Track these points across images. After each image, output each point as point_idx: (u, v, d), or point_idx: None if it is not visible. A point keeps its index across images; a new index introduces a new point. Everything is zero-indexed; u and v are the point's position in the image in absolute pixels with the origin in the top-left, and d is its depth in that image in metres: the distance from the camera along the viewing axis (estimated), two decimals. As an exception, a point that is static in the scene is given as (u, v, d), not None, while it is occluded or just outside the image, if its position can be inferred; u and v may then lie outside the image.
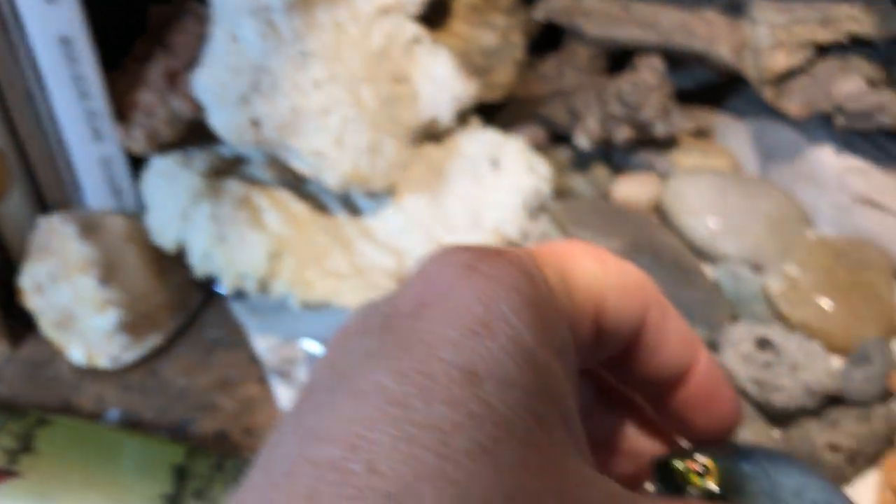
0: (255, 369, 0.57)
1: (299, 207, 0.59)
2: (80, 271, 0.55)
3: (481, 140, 0.66)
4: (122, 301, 0.55)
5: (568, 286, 0.27)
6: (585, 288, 0.28)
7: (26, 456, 0.46)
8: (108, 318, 0.55)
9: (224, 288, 0.56)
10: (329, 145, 0.56)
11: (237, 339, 0.59)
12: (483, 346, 0.23)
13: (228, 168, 0.60)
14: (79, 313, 0.56)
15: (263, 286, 0.54)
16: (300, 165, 0.57)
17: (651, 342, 0.30)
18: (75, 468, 0.46)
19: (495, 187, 0.64)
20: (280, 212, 0.57)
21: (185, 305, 0.60)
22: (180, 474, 0.46)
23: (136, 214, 0.59)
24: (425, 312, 0.24)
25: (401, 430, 0.21)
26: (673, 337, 0.30)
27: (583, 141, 0.65)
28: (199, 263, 0.54)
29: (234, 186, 0.57)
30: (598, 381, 0.31)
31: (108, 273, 0.55)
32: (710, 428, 0.32)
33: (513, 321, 0.24)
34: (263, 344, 0.57)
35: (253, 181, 0.59)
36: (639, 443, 0.36)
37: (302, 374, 0.55)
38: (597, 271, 0.28)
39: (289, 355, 0.56)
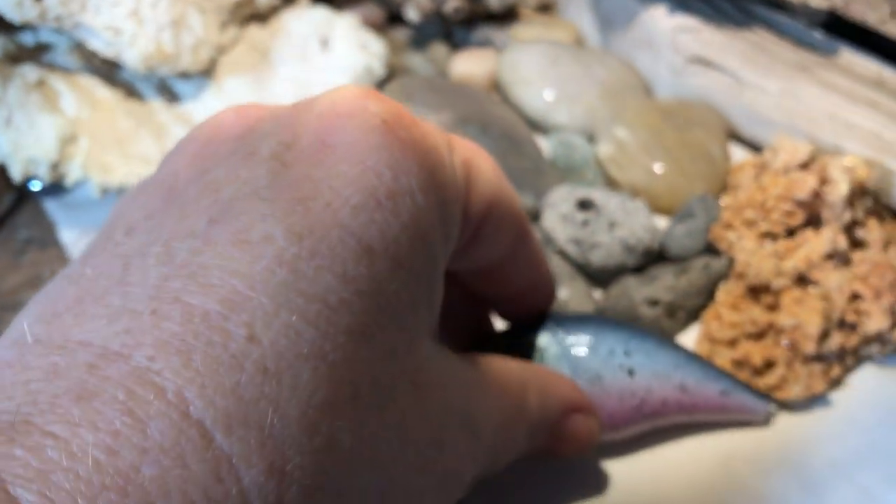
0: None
1: (106, 93, 0.55)
2: None
3: (310, 18, 0.63)
4: None
5: (469, 182, 0.27)
6: (482, 190, 0.27)
7: None
8: None
9: (16, 177, 0.52)
10: (125, 20, 0.52)
11: (50, 238, 0.56)
12: (384, 221, 0.22)
13: (28, 55, 0.56)
14: None
15: (56, 171, 0.50)
16: (98, 45, 0.53)
17: (513, 262, 0.32)
18: None
19: (325, 67, 0.61)
20: (80, 96, 0.53)
21: (6, 197, 0.56)
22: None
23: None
24: (327, 159, 0.22)
25: (286, 298, 0.19)
26: (531, 259, 0.33)
27: (412, 14, 0.63)
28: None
29: (27, 71, 0.53)
30: None
31: None
32: (527, 311, 0.36)
33: (419, 200, 0.23)
34: (70, 237, 0.54)
35: (54, 67, 0.55)
36: (461, 319, 0.36)
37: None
38: (493, 178, 0.28)
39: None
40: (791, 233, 0.48)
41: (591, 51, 0.64)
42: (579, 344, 0.40)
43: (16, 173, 0.51)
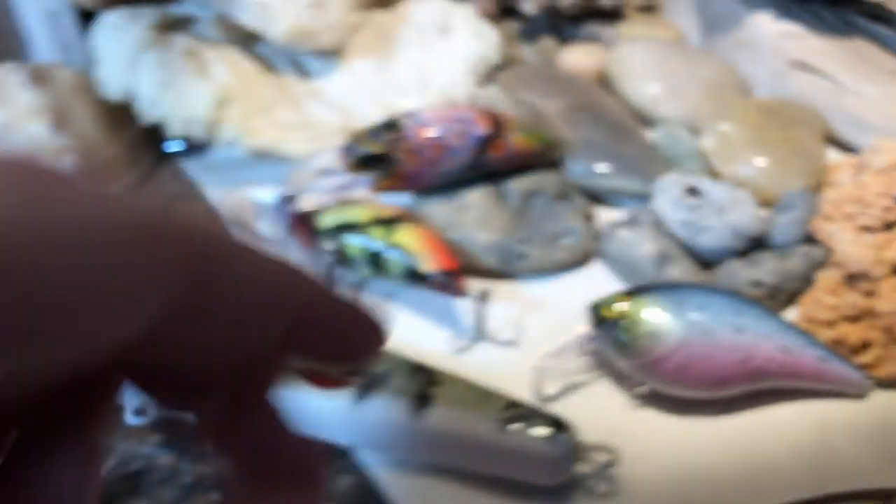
0: (213, 222, 0.58)
1: (247, 65, 0.60)
2: (31, 119, 0.56)
3: (431, 8, 0.67)
4: (76, 149, 0.56)
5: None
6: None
7: None
8: (63, 166, 0.56)
9: (173, 134, 0.57)
10: (274, -3, 0.57)
11: (195, 194, 0.60)
12: None
13: (176, 25, 0.61)
14: (31, 162, 0.56)
15: (210, 131, 0.55)
16: (246, 19, 0.58)
17: None
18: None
19: (443, 53, 0.65)
20: (227, 65, 0.58)
21: (140, 162, 0.61)
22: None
23: (83, 69, 0.60)
24: None
25: None
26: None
27: (529, 6, 0.67)
28: (148, 110, 0.55)
29: (181, 40, 0.58)
30: None
31: (61, 121, 0.56)
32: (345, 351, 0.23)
33: None
34: (216, 195, 0.58)
35: (200, 38, 0.60)
36: None
37: (257, 222, 0.57)
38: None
39: (242, 205, 0.58)
40: (889, 226, 0.52)
41: (694, 50, 0.67)
42: (692, 303, 0.44)
43: (175, 131, 0.55)
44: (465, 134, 0.53)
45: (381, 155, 0.52)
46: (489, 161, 0.54)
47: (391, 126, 0.53)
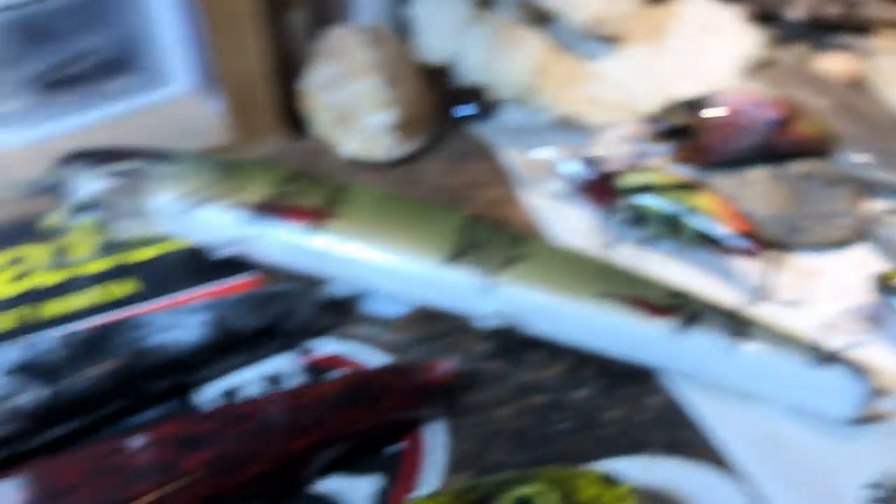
0: (501, 177, 0.66)
1: (548, 43, 0.67)
2: (366, 74, 0.64)
3: (701, 5, 0.73)
4: (399, 103, 0.64)
5: None
6: None
7: (338, 205, 0.55)
8: (386, 117, 0.64)
9: (494, 97, 0.64)
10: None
11: (485, 152, 0.68)
12: None
13: (485, 4, 0.69)
14: (359, 111, 0.65)
15: (526, 97, 0.62)
16: (551, 3, 0.65)
17: None
18: (378, 217, 0.55)
19: (710, 48, 0.71)
20: (537, 40, 0.65)
21: (443, 118, 0.69)
22: (467, 227, 0.54)
23: (404, 33, 0.68)
24: None
25: None
26: None
27: (794, 13, 0.72)
28: (473, 74, 0.63)
29: (495, 15, 0.66)
30: None
31: (391, 77, 0.64)
32: None
33: None
34: (509, 156, 0.66)
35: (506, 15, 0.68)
36: None
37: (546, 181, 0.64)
38: None
39: (532, 165, 0.65)
40: None
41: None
42: None
43: (497, 94, 0.63)
44: (760, 117, 0.59)
45: (685, 128, 0.59)
46: (777, 144, 0.60)
47: (695, 104, 0.59)
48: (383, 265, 0.53)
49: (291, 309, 0.51)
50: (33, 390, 0.45)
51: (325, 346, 0.52)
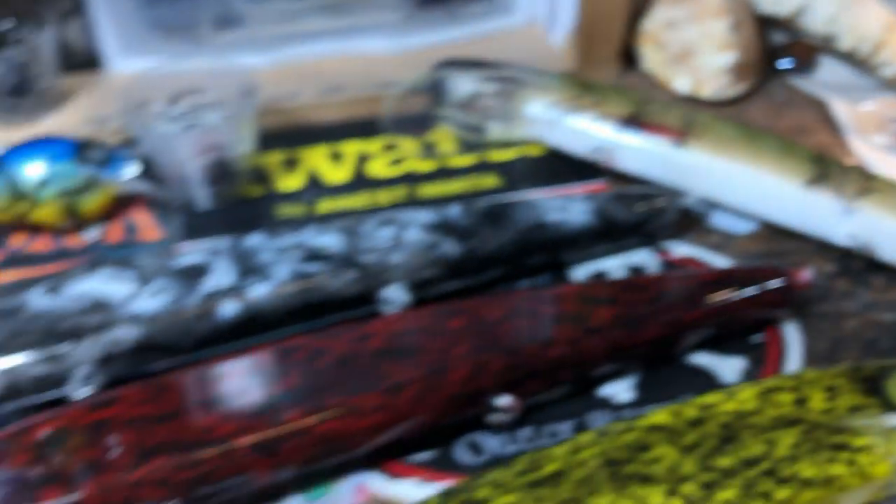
0: (827, 125, 0.69)
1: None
2: (713, 16, 0.69)
3: None
4: (738, 47, 0.69)
5: None
6: None
7: (695, 128, 0.60)
8: (725, 58, 0.69)
9: (839, 48, 0.68)
10: None
11: (809, 101, 0.72)
12: None
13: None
14: (698, 51, 0.70)
15: (874, 51, 0.66)
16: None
17: None
18: (734, 141, 0.60)
19: None
20: None
21: (766, 68, 0.73)
22: (817, 158, 0.58)
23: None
24: None
25: None
26: None
27: None
28: (822, 26, 0.67)
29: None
30: None
31: (735, 22, 0.69)
32: None
33: None
34: (836, 106, 0.69)
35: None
36: None
37: (872, 133, 0.67)
38: None
39: (862, 118, 0.68)
40: None
41: None
42: None
43: (844, 46, 0.67)
44: None
45: None
46: None
47: None
48: (742, 184, 0.58)
49: (658, 210, 0.57)
50: (448, 245, 0.52)
51: (680, 249, 0.58)
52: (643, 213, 0.56)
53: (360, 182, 0.64)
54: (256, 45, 0.72)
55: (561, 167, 0.64)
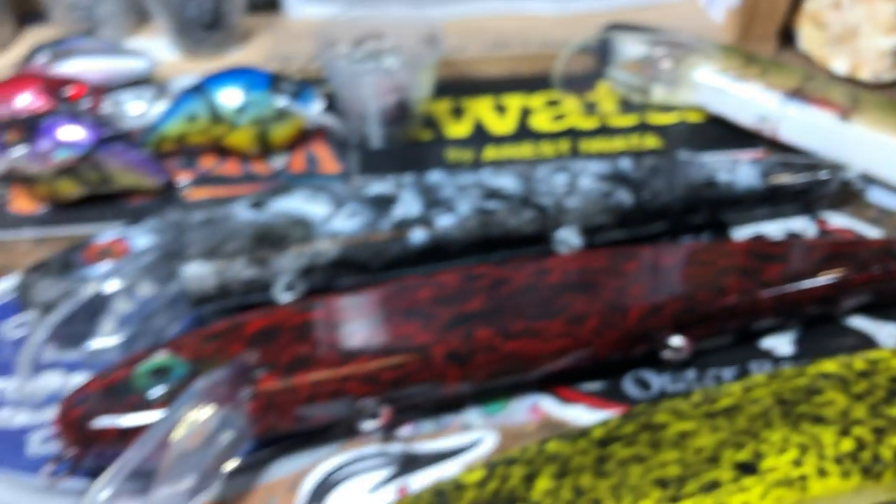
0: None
1: None
2: (880, -2, 0.70)
3: None
4: (904, 29, 0.70)
5: None
6: None
7: (860, 104, 0.62)
8: (889, 41, 0.70)
9: None
10: None
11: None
12: None
13: None
14: (860, 33, 0.71)
15: None
16: None
17: None
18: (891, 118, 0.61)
19: None
20: None
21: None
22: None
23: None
24: None
25: None
26: None
27: None
28: None
29: None
30: None
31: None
32: None
33: None
34: None
35: None
36: None
37: None
38: None
39: None
40: None
41: None
42: None
43: None
44: None
45: None
46: None
47: None
48: (905, 160, 0.59)
49: (820, 181, 0.58)
50: (622, 194, 0.55)
51: (837, 220, 0.60)
52: (806, 181, 0.58)
53: (524, 133, 0.67)
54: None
55: (720, 134, 0.66)
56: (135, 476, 0.38)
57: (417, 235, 0.52)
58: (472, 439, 0.46)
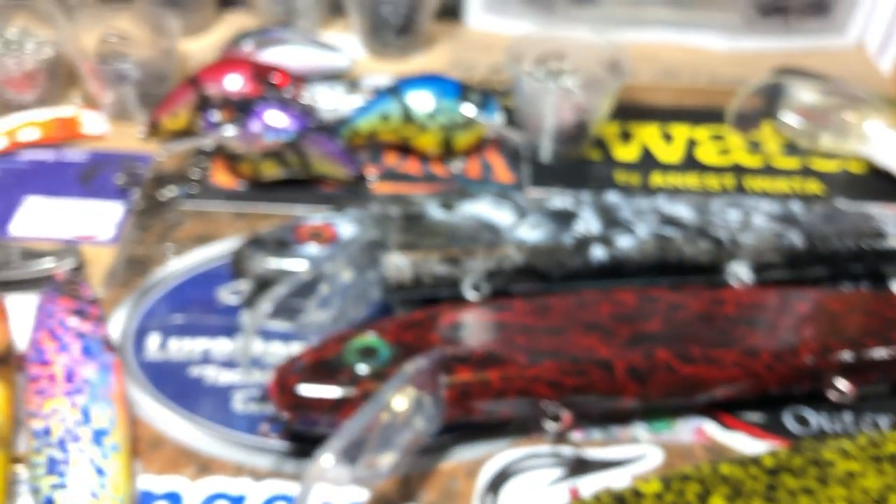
0: None
1: None
2: None
3: None
4: None
5: None
6: None
7: None
8: None
9: None
10: None
11: None
12: None
13: None
14: None
15: None
16: None
17: None
18: None
19: None
20: None
21: None
22: None
23: None
24: None
25: None
26: None
27: None
28: None
29: None
30: None
31: None
32: None
33: None
34: None
35: None
36: None
37: None
38: None
39: None
40: None
41: None
42: None
43: None
44: None
45: None
46: None
47: None
48: None
49: None
50: (794, 236, 0.57)
51: None
52: None
53: (691, 164, 0.69)
54: (604, 23, 0.79)
55: (883, 186, 0.67)
56: (349, 447, 0.42)
57: (598, 252, 0.55)
58: (638, 452, 0.49)
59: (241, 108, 0.62)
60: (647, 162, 0.69)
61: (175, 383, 0.51)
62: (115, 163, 0.66)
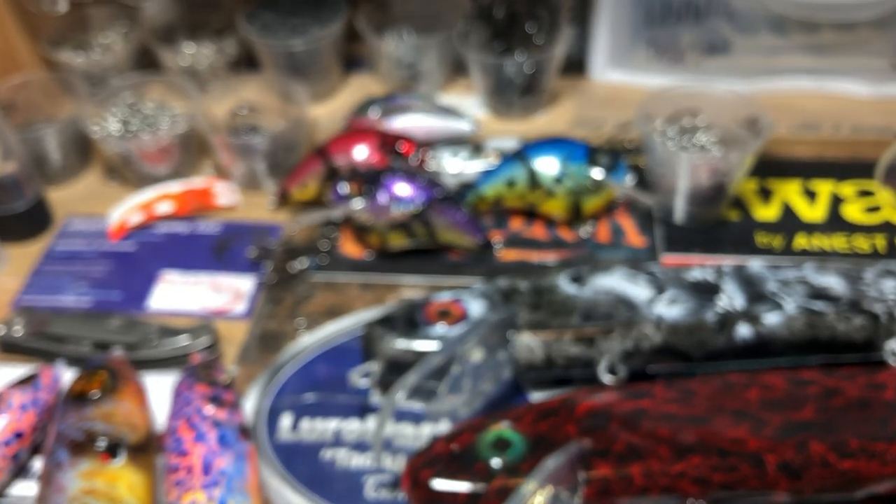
0: None
1: None
2: None
3: None
4: None
5: None
6: None
7: None
8: None
9: None
10: None
11: None
12: None
13: None
14: None
15: None
16: None
17: None
18: None
19: None
20: None
21: None
22: None
23: None
24: None
25: None
26: None
27: None
28: None
29: None
30: None
31: None
32: None
33: None
34: None
35: None
36: None
37: None
38: None
39: None
40: None
41: None
42: None
43: None
44: None
45: None
46: None
47: None
48: None
49: None
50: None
51: None
52: None
53: (836, 223, 0.65)
54: (737, 73, 0.76)
55: None
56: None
57: (743, 331, 0.52)
58: (792, 550, 0.46)
59: (370, 181, 0.62)
60: (789, 221, 0.66)
61: (307, 466, 0.51)
62: (246, 234, 0.67)
